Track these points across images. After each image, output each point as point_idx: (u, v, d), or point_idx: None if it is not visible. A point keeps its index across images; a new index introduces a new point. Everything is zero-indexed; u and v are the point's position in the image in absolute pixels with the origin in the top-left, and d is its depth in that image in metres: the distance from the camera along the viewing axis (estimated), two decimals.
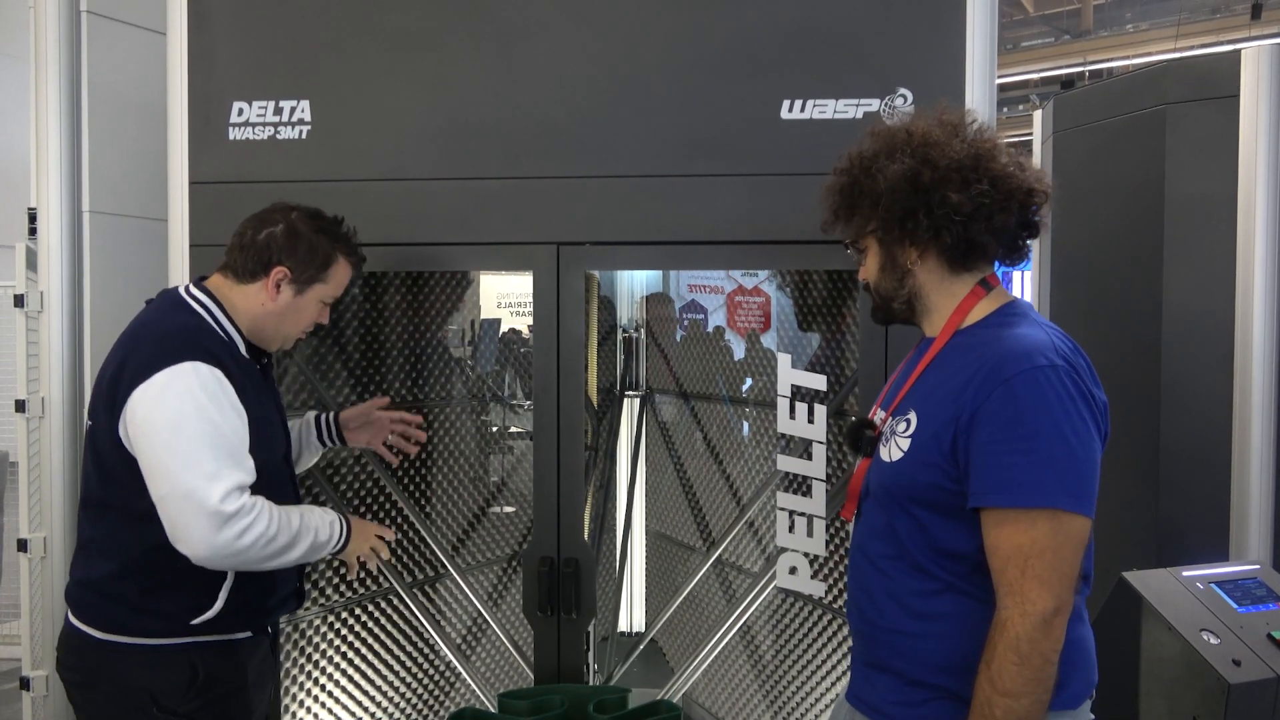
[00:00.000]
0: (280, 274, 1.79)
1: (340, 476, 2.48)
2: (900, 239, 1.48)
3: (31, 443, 2.61)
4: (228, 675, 1.78)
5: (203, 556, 1.62)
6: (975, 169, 1.42)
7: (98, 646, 1.72)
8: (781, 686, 2.56)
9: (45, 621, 2.58)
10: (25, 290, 2.58)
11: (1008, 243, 1.50)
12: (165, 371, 1.63)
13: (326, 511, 1.85)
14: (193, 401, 1.62)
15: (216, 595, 1.73)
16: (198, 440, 1.61)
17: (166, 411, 1.62)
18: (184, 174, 2.18)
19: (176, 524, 1.61)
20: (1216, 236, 2.77)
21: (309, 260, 1.81)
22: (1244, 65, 2.73)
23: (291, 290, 1.81)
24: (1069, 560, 1.32)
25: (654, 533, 3.27)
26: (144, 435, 1.62)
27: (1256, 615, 2.21)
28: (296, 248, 1.80)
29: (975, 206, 1.41)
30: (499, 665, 2.81)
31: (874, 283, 1.56)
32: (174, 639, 1.72)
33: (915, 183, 1.43)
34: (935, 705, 1.42)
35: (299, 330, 1.87)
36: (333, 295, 1.87)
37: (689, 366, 3.01)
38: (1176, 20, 10.63)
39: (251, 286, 1.80)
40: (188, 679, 1.72)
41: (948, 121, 1.49)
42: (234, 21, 2.17)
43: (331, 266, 1.84)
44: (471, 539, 2.77)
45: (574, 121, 2.08)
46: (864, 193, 1.49)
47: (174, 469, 1.60)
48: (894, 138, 1.48)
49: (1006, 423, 1.33)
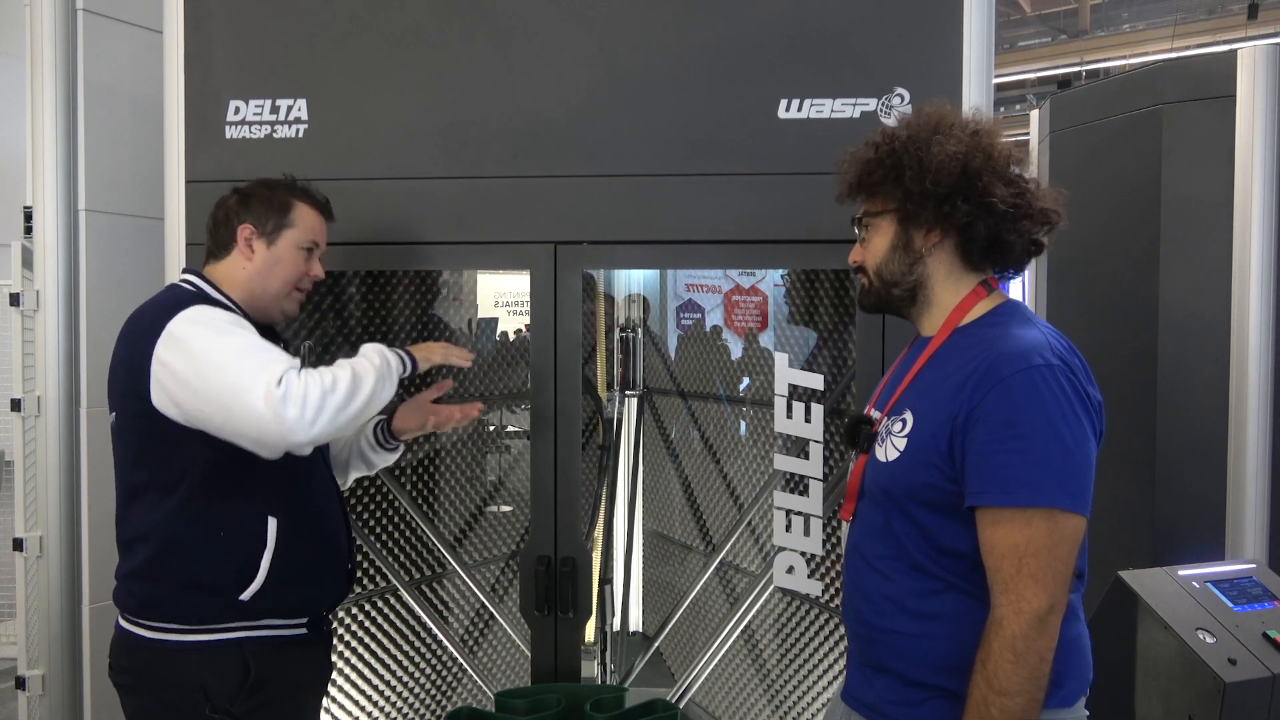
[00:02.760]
0: (247, 231, 1.83)
1: None
2: (927, 221, 1.45)
3: (27, 441, 2.60)
4: (280, 676, 1.76)
5: (296, 439, 1.59)
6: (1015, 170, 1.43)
7: (149, 645, 1.72)
8: (781, 684, 2.56)
9: (40, 621, 2.58)
10: (21, 289, 2.58)
11: (1026, 250, 1.49)
12: (175, 319, 1.66)
13: (366, 348, 1.82)
14: (208, 326, 1.66)
15: (259, 563, 1.72)
16: (227, 354, 1.62)
17: (190, 346, 1.63)
18: (180, 172, 2.18)
19: (247, 430, 1.59)
20: (1213, 236, 2.78)
21: (268, 210, 1.84)
22: (1240, 65, 2.74)
23: (263, 244, 1.84)
24: (1064, 559, 1.32)
25: (651, 532, 3.27)
26: (181, 381, 1.62)
27: (1252, 614, 2.21)
28: (252, 204, 1.85)
29: (1013, 204, 1.41)
30: (503, 662, 2.81)
31: (879, 264, 1.52)
32: (225, 626, 1.71)
33: (967, 166, 1.41)
34: (934, 705, 1.42)
35: (287, 284, 1.86)
36: (307, 239, 1.87)
37: (686, 366, 3.01)
38: (1173, 20, 10.65)
39: (230, 258, 1.84)
40: (240, 677, 1.71)
41: (987, 119, 1.48)
42: (231, 20, 2.17)
43: (292, 211, 1.86)
44: (471, 537, 2.77)
45: (571, 121, 2.08)
46: (901, 167, 1.44)
47: (221, 391, 1.59)
48: (945, 118, 1.46)
49: (1003, 422, 1.33)
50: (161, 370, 1.64)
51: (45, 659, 2.57)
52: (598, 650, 2.76)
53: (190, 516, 1.70)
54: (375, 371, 1.73)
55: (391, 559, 2.58)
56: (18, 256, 2.57)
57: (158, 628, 1.72)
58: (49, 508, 2.55)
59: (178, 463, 1.68)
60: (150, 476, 1.72)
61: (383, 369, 1.76)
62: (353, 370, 1.70)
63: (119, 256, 2.62)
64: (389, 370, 1.78)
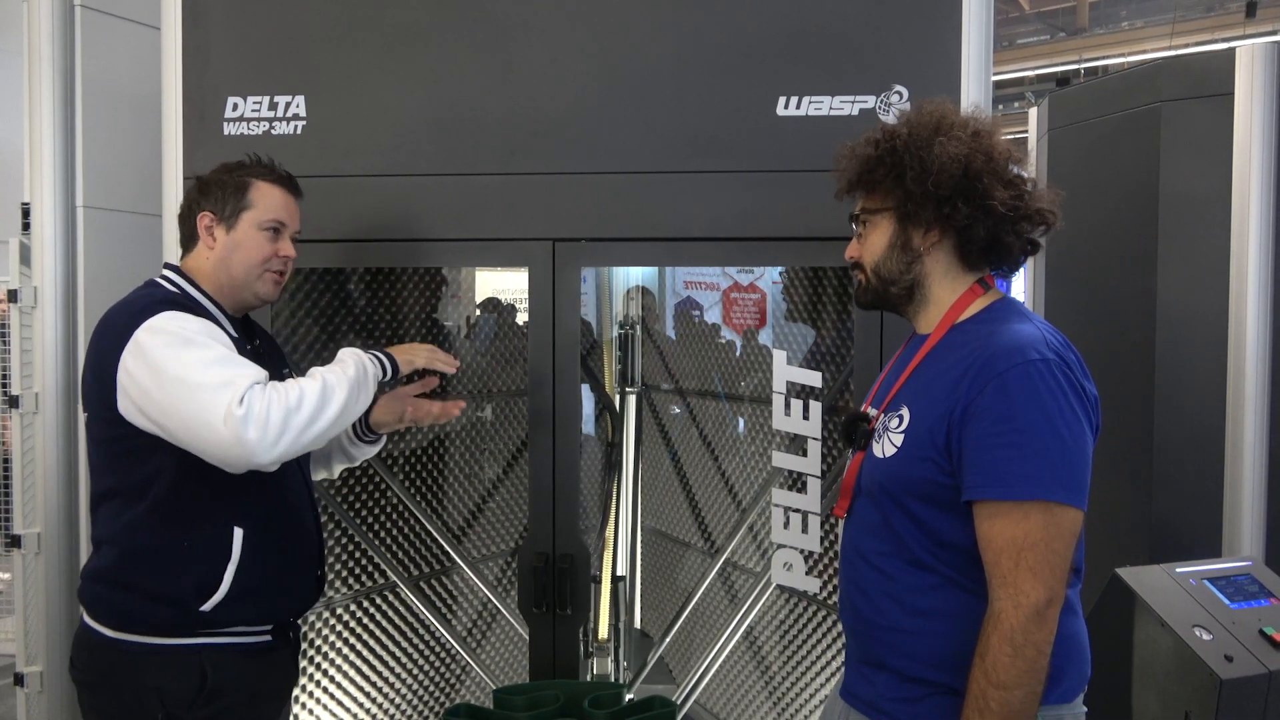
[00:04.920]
0: (206, 219, 1.81)
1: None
2: (926, 221, 1.45)
3: (25, 438, 2.60)
4: (238, 684, 1.74)
5: (257, 460, 1.56)
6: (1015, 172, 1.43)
7: (109, 645, 1.70)
8: (779, 680, 2.57)
9: (39, 617, 2.58)
10: (19, 285, 2.57)
11: (1024, 251, 1.49)
12: (142, 327, 1.63)
13: (343, 353, 1.78)
14: (174, 337, 1.62)
15: (222, 575, 1.69)
16: (190, 368, 1.58)
17: (154, 357, 1.60)
18: (178, 169, 2.17)
19: (209, 450, 1.57)
20: (1210, 234, 2.78)
21: (223, 195, 1.81)
22: (1239, 63, 2.74)
23: (223, 230, 1.80)
24: (1061, 552, 1.32)
25: (649, 529, 3.27)
26: (144, 392, 1.60)
27: (1249, 611, 2.22)
28: (209, 190, 1.82)
29: (1012, 207, 1.42)
30: (511, 658, 2.81)
31: (876, 262, 1.52)
32: (185, 638, 1.69)
33: (968, 168, 1.41)
34: (933, 701, 1.42)
35: (251, 268, 1.81)
36: (269, 218, 1.82)
37: (685, 363, 3.01)
38: (1172, 18, 10.65)
39: (196, 249, 1.82)
40: (197, 684, 1.69)
41: (986, 119, 1.48)
42: (228, 16, 2.16)
43: (249, 192, 1.82)
44: (471, 532, 2.77)
45: (570, 117, 2.08)
46: (903, 166, 1.44)
47: (181, 408, 1.57)
48: (945, 117, 1.46)
49: (999, 417, 1.33)
50: (127, 379, 1.61)
51: (43, 655, 2.57)
52: (612, 647, 2.76)
53: (155, 525, 1.67)
54: (348, 382, 1.69)
55: (390, 555, 2.58)
56: (15, 253, 2.57)
57: (114, 630, 1.70)
58: (47, 504, 2.55)
59: (144, 470, 1.66)
60: (116, 482, 1.70)
61: (357, 377, 1.72)
62: (323, 382, 1.66)
63: (117, 253, 2.62)
64: (365, 377, 1.75)
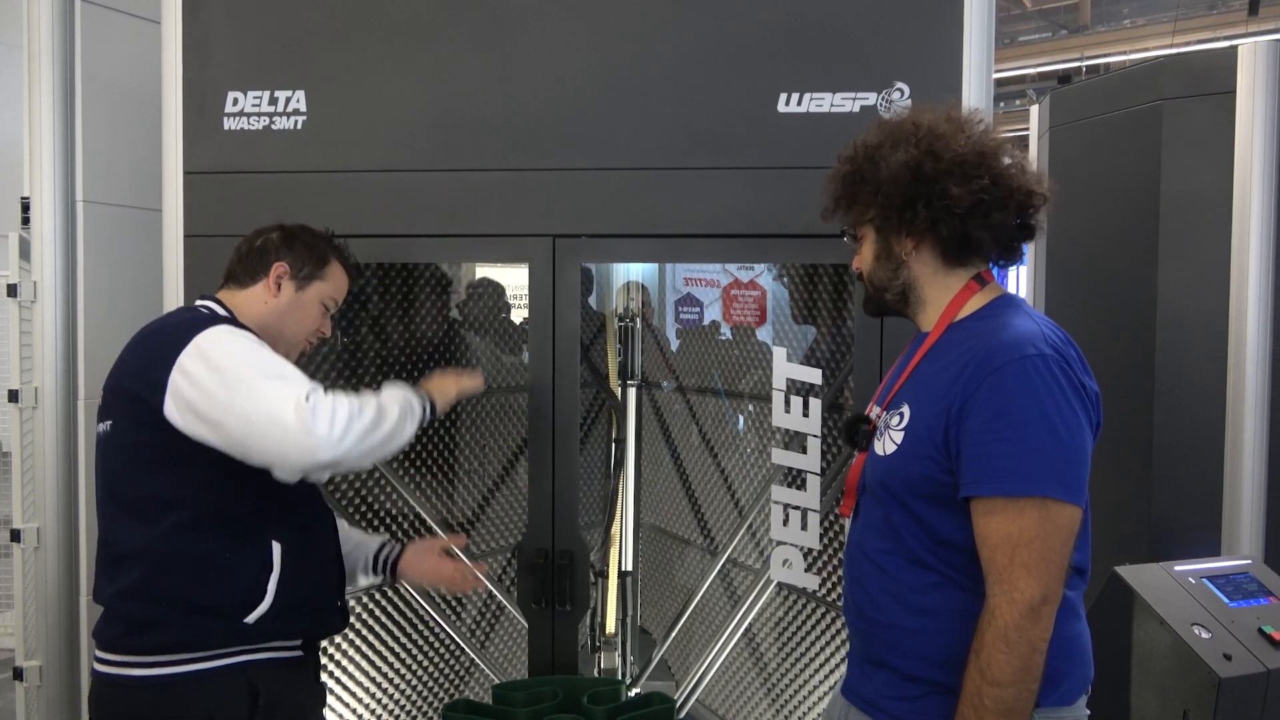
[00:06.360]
0: (280, 270, 1.81)
1: None
2: (898, 229, 1.49)
3: (25, 433, 2.60)
4: (285, 698, 1.71)
5: (321, 456, 1.55)
6: (978, 165, 1.42)
7: (142, 685, 1.62)
8: (777, 677, 2.57)
9: (38, 612, 2.58)
10: (19, 280, 2.57)
11: (1004, 242, 1.50)
12: (204, 334, 1.63)
13: (388, 386, 1.80)
14: (236, 343, 1.64)
15: (266, 585, 1.66)
16: (254, 368, 1.60)
17: (217, 358, 1.60)
18: (178, 164, 2.17)
19: (270, 446, 1.56)
20: (1212, 232, 2.78)
21: (306, 256, 1.84)
22: (1241, 61, 2.73)
23: (292, 286, 1.82)
24: (1057, 549, 1.32)
25: (648, 525, 3.27)
26: (203, 391, 1.58)
27: (1248, 610, 2.22)
28: (294, 245, 1.84)
29: (975, 202, 1.42)
30: (517, 654, 2.81)
31: (868, 273, 1.56)
32: (230, 652, 1.65)
33: (917, 173, 1.43)
34: (931, 700, 1.42)
35: (303, 333, 1.86)
36: (332, 296, 1.88)
37: (684, 360, 3.01)
38: (1174, 16, 10.63)
39: (254, 288, 1.82)
40: (248, 703, 1.64)
41: (955, 118, 1.49)
42: (229, 11, 2.16)
43: (328, 265, 1.86)
44: (475, 528, 2.77)
45: (570, 114, 2.08)
46: (866, 180, 1.49)
47: (246, 403, 1.56)
48: (900, 128, 1.49)
49: (995, 412, 1.33)
50: (182, 379, 1.59)
51: (43, 650, 2.58)
52: (618, 643, 2.76)
53: (194, 532, 1.63)
54: (399, 406, 1.72)
55: None
56: (15, 247, 2.57)
57: (151, 662, 1.62)
58: (46, 499, 2.55)
59: (183, 478, 1.63)
60: (151, 490, 1.65)
61: (406, 407, 1.75)
62: (378, 401, 1.70)
63: (117, 248, 2.62)
64: (411, 409, 1.77)
